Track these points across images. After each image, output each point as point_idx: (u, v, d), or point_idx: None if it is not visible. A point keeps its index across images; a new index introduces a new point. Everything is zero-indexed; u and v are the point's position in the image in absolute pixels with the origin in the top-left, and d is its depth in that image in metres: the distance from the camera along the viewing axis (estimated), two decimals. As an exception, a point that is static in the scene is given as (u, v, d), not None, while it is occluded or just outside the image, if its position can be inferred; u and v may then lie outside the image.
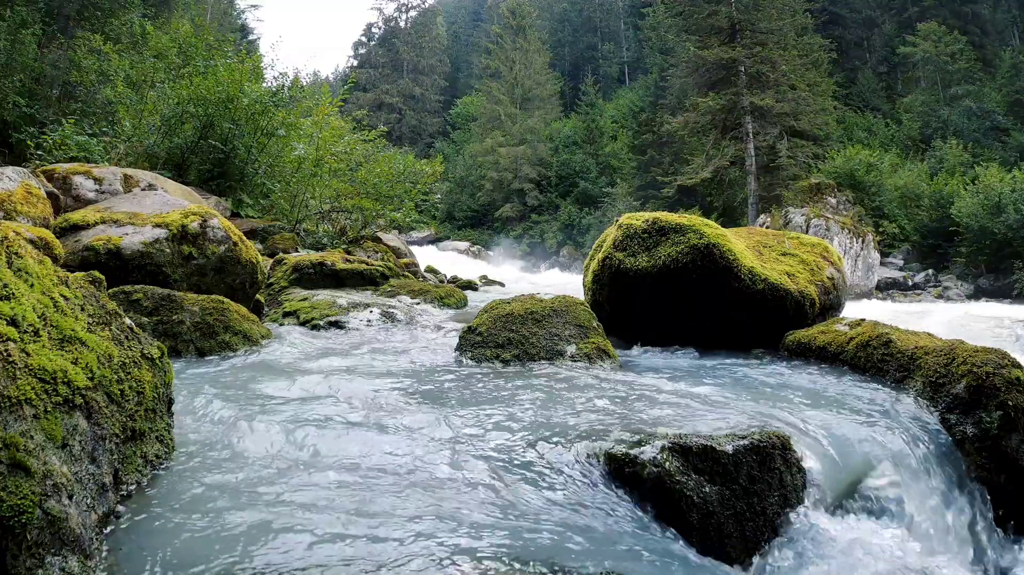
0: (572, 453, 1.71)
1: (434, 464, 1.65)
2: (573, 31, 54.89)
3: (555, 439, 1.78)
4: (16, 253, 1.36)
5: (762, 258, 3.62)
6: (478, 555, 1.21)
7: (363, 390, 2.29)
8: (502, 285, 11.21)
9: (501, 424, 1.90)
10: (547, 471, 1.64)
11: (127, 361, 1.48)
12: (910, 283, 22.15)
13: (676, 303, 3.37)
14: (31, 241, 2.90)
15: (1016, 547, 2.04)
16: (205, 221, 3.79)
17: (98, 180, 5.32)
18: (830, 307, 3.73)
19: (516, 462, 1.67)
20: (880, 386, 2.55)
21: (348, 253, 6.79)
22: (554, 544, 1.31)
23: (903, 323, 2.99)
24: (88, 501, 1.19)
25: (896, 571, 1.63)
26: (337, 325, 3.86)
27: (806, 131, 26.40)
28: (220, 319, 2.99)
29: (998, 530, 2.06)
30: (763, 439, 1.74)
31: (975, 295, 20.26)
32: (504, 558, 1.22)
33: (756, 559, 1.61)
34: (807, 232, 20.21)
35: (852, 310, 4.36)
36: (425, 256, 13.72)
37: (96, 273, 2.54)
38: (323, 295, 4.56)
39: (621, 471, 1.65)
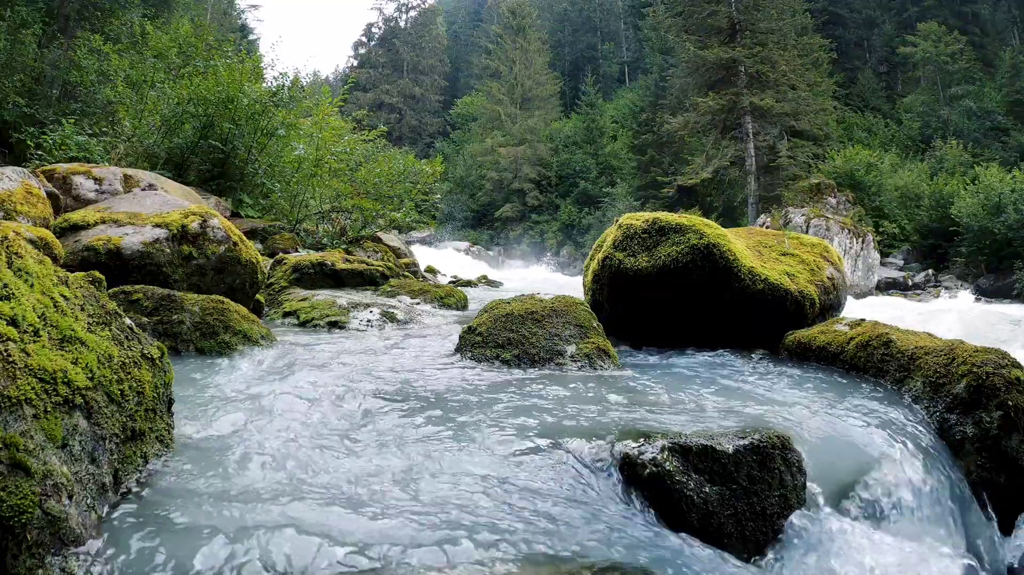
0: (572, 453, 1.71)
1: (434, 464, 1.65)
2: (573, 31, 54.92)
3: (555, 439, 1.78)
4: (16, 253, 1.35)
5: (762, 258, 3.62)
6: (479, 551, 1.21)
7: (363, 390, 2.29)
8: (502, 285, 11.20)
9: (500, 424, 1.90)
10: (547, 470, 1.64)
11: (127, 361, 1.48)
12: (910, 283, 22.15)
13: (676, 303, 3.37)
14: (31, 241, 2.89)
15: (1016, 547, 2.04)
16: (205, 221, 3.79)
17: (98, 180, 5.32)
18: (830, 307, 3.73)
19: (516, 462, 1.67)
20: (880, 386, 2.56)
21: (348, 253, 6.78)
22: (553, 540, 1.31)
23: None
24: (88, 501, 1.19)
25: (895, 571, 1.63)
26: (337, 325, 3.86)
27: (806, 131, 26.46)
28: (220, 319, 2.99)
29: (998, 530, 2.06)
30: (763, 439, 1.74)
31: (975, 295, 20.23)
32: (506, 553, 1.22)
33: (756, 559, 1.61)
34: (807, 232, 20.19)
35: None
36: (425, 256, 13.71)
37: (96, 273, 2.54)
38: (323, 295, 4.55)
39: (621, 471, 1.65)
